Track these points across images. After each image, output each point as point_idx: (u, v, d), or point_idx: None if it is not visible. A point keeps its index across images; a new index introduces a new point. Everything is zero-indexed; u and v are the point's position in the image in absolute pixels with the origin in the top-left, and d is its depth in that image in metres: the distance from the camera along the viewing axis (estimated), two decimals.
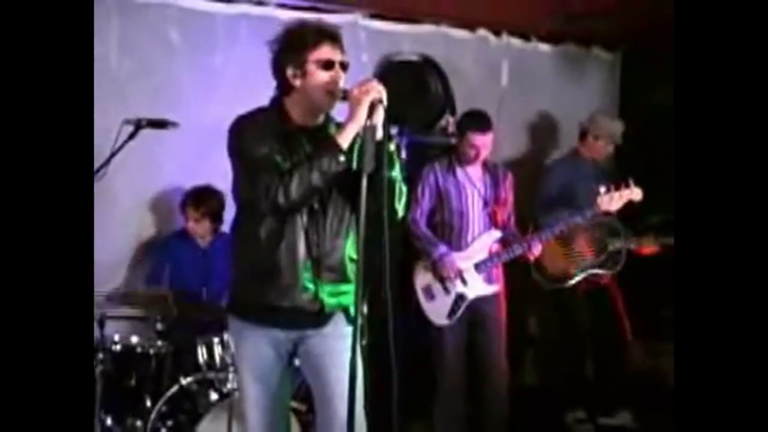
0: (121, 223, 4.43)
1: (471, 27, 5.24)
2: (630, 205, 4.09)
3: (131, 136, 3.39)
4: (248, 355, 2.68)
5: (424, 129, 4.95)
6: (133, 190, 4.41)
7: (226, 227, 4.17)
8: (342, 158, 2.48)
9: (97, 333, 3.62)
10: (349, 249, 2.66)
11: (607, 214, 4.15)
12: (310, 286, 2.61)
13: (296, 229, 2.58)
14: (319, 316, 2.64)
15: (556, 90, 5.50)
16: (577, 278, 4.60)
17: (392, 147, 2.52)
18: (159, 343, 3.79)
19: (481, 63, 5.30)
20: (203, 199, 4.18)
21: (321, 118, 2.66)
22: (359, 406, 2.51)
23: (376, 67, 4.90)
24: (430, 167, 4.36)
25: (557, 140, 5.48)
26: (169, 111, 3.67)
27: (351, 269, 2.66)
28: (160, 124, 3.48)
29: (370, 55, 4.90)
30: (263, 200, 2.48)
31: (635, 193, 4.04)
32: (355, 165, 2.52)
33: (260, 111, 2.66)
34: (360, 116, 2.43)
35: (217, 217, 4.21)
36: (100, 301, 3.74)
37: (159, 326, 3.82)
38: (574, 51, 5.57)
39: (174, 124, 3.53)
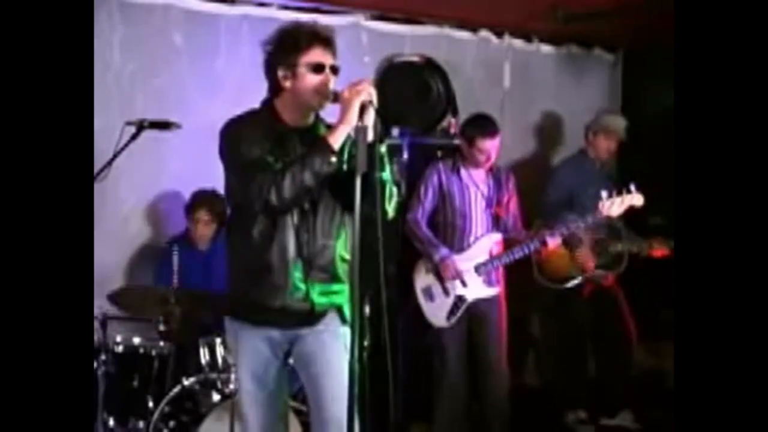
0: (123, 224, 4.44)
1: (473, 28, 5.24)
2: (632, 208, 4.11)
3: (134, 137, 3.39)
4: (245, 354, 2.70)
5: (425, 130, 4.96)
6: (136, 191, 4.43)
7: None
8: (333, 159, 2.50)
9: (99, 334, 3.62)
10: (340, 249, 2.68)
11: (609, 218, 4.18)
12: (301, 286, 2.63)
13: (287, 230, 2.60)
14: (311, 316, 2.66)
15: (558, 91, 5.51)
16: (578, 280, 4.61)
17: (383, 148, 2.53)
18: (161, 343, 3.80)
19: (483, 64, 5.30)
20: (213, 202, 4.18)
21: (311, 119, 2.69)
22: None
23: (378, 68, 4.91)
24: (434, 167, 4.37)
25: (560, 141, 5.49)
26: (172, 112, 3.68)
27: (342, 269, 2.68)
28: (162, 125, 3.49)
29: (372, 56, 4.90)
30: (256, 200, 2.50)
31: (636, 199, 4.07)
32: (345, 166, 2.55)
33: (251, 113, 2.70)
34: (351, 117, 2.44)
35: (223, 220, 4.22)
36: (103, 302, 3.75)
37: (161, 327, 3.82)
38: (575, 52, 5.58)
39: (177, 126, 3.54)
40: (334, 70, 2.61)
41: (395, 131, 4.67)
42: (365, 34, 4.91)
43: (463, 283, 4.22)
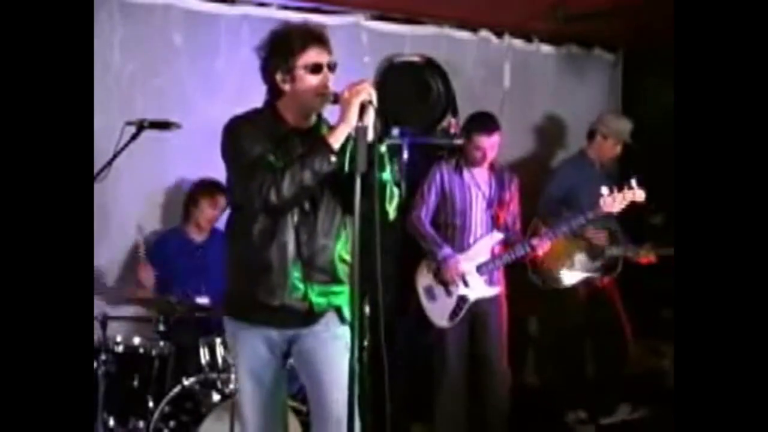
0: (124, 224, 4.43)
1: (473, 28, 5.24)
2: (632, 206, 4.10)
3: (134, 137, 3.40)
4: (244, 354, 2.71)
5: (426, 130, 4.95)
6: (136, 191, 4.42)
7: (219, 224, 4.20)
8: (333, 158, 2.51)
9: (99, 334, 3.62)
10: (340, 250, 2.69)
11: (610, 215, 4.17)
12: (300, 285, 2.64)
13: (287, 229, 2.61)
14: (309, 316, 2.66)
15: (559, 91, 5.51)
16: (573, 281, 4.62)
17: (383, 148, 2.54)
18: (161, 343, 3.80)
19: (483, 64, 5.30)
20: (218, 188, 4.17)
21: (313, 120, 2.70)
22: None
23: (378, 68, 4.90)
24: (437, 166, 4.38)
25: (560, 141, 5.49)
26: (172, 112, 3.68)
27: (341, 270, 2.69)
28: (162, 125, 3.49)
29: (372, 56, 4.90)
30: (256, 198, 2.51)
31: (638, 194, 4.04)
32: (346, 166, 2.55)
33: (254, 112, 2.70)
34: (351, 117, 2.45)
35: (223, 209, 4.22)
36: (103, 302, 3.76)
37: (161, 327, 3.83)
38: (575, 52, 5.58)
39: (177, 126, 3.54)
40: (331, 67, 2.62)
41: (395, 131, 4.67)
42: (365, 34, 4.90)
43: (466, 283, 4.22)
